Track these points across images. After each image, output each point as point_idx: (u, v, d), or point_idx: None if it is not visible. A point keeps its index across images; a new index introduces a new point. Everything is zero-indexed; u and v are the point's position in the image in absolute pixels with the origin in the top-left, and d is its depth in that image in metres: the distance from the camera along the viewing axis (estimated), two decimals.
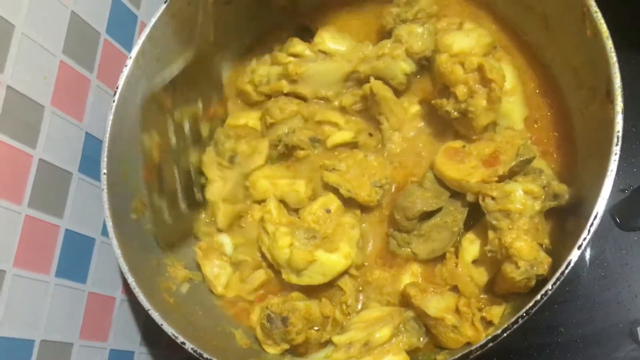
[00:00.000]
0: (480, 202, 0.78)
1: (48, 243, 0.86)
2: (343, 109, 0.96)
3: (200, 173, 0.97)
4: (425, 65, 0.92)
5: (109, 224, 0.83)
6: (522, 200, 0.75)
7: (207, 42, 0.93)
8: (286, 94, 0.98)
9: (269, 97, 1.00)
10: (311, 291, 0.89)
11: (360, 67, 0.93)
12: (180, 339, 0.77)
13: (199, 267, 0.96)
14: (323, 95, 0.97)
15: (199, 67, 0.93)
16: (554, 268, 0.70)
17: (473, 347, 0.68)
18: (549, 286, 0.66)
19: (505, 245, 0.73)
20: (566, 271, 0.66)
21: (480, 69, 0.79)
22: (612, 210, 0.96)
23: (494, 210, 0.76)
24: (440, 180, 0.84)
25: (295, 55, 0.96)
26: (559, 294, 0.94)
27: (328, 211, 0.89)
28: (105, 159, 0.87)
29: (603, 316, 0.93)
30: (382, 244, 0.91)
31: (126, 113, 0.91)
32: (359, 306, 0.89)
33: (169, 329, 0.78)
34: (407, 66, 0.91)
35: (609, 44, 0.71)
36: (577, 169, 0.81)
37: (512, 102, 0.85)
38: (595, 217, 0.66)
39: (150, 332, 1.06)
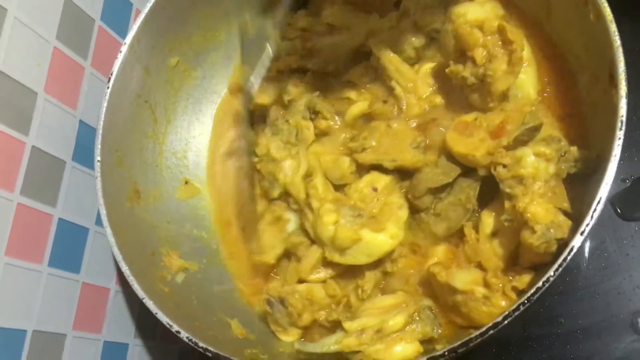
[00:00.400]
0: (492, 172, 0.76)
1: (41, 232, 0.85)
2: (352, 84, 0.94)
3: None
4: (435, 37, 0.90)
5: (103, 212, 0.82)
6: (535, 164, 0.73)
7: None
8: (296, 70, 0.97)
9: (281, 72, 0.99)
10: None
11: (369, 41, 0.92)
12: (175, 327, 0.76)
13: (193, 257, 0.95)
14: (333, 69, 0.96)
15: None
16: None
17: (473, 335, 0.67)
18: (550, 272, 0.65)
19: (520, 211, 0.71)
20: (568, 257, 0.65)
21: (500, 31, 0.77)
22: (613, 200, 0.95)
23: (506, 177, 0.74)
24: (452, 156, 0.82)
25: (303, 30, 0.95)
26: (559, 285, 0.94)
27: (375, 189, 0.86)
28: (99, 147, 0.86)
29: (603, 307, 0.92)
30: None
31: (120, 100, 0.90)
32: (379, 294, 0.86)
33: (163, 318, 0.76)
34: (416, 39, 0.90)
35: (613, 27, 0.70)
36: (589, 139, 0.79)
37: (526, 72, 0.83)
38: (599, 202, 0.65)
39: (144, 324, 1.05)
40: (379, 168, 0.87)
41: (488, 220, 0.80)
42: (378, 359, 0.75)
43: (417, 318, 0.77)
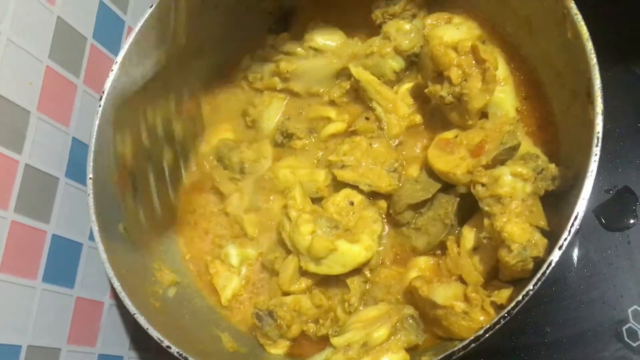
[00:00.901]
0: (472, 190, 0.78)
1: (35, 248, 0.86)
2: (333, 103, 0.97)
3: (174, 171, 0.98)
4: (415, 61, 0.93)
5: (95, 229, 0.84)
6: (512, 183, 0.75)
7: (179, 44, 0.95)
8: (279, 91, 1.00)
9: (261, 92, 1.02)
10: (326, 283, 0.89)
11: (352, 66, 0.94)
12: (166, 342, 0.77)
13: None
14: (315, 92, 0.98)
15: (172, 69, 0.94)
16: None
17: (455, 348, 0.69)
18: (530, 286, 0.66)
19: (497, 230, 0.73)
20: (547, 271, 0.66)
21: (473, 51, 0.80)
22: (597, 211, 0.96)
23: (485, 196, 0.76)
24: (432, 172, 0.84)
25: (286, 53, 0.98)
26: (545, 294, 0.95)
27: (352, 203, 0.88)
28: (92, 164, 0.87)
29: (589, 316, 0.93)
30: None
31: (112, 118, 0.91)
32: (362, 306, 0.88)
33: (154, 333, 0.78)
34: (396, 64, 0.92)
35: (589, 45, 0.72)
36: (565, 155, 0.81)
37: (504, 91, 0.86)
38: (576, 217, 0.67)
39: (139, 337, 1.06)
40: (354, 187, 0.90)
41: (469, 235, 0.82)
42: None
43: (400, 327, 0.79)
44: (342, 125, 0.94)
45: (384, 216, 0.91)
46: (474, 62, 0.80)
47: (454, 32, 0.80)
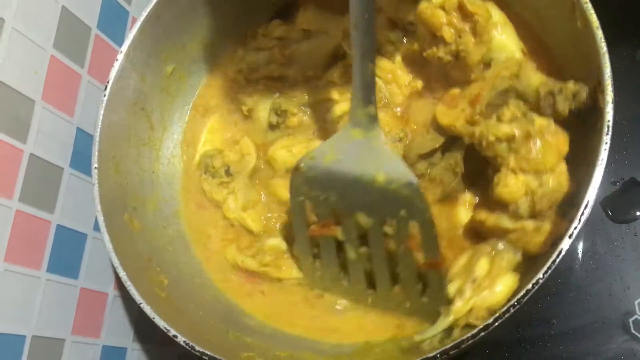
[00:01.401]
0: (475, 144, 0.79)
1: (39, 238, 0.86)
2: (332, 84, 0.96)
3: None
4: (410, 30, 0.92)
5: (100, 219, 0.83)
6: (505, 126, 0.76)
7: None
8: (276, 78, 0.99)
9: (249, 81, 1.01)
10: None
11: (345, 41, 0.93)
12: (173, 332, 0.77)
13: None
14: (313, 74, 0.97)
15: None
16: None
17: (464, 337, 0.68)
18: (540, 275, 0.66)
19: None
20: (557, 260, 0.66)
21: (460, 6, 0.80)
22: (604, 203, 0.96)
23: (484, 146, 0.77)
24: (440, 128, 0.85)
25: (279, 39, 0.97)
26: (551, 286, 0.95)
27: None
28: (96, 154, 0.86)
29: (595, 308, 0.93)
30: None
31: (117, 108, 0.91)
32: None
33: (160, 322, 0.77)
34: (393, 34, 0.92)
35: (599, 34, 0.71)
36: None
37: (505, 32, 0.85)
38: (587, 205, 0.66)
39: (142, 328, 1.06)
40: None
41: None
42: (489, 306, 0.74)
43: (495, 252, 0.78)
44: (347, 104, 0.93)
45: None
46: (463, 17, 0.81)
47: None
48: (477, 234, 0.84)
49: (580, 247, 0.97)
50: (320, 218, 0.84)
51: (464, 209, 0.87)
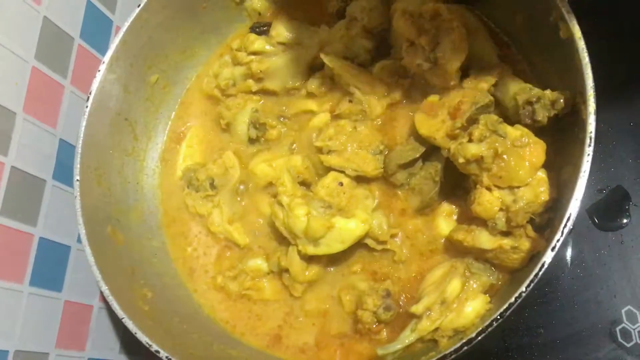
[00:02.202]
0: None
1: (21, 252, 0.85)
2: (311, 95, 0.96)
3: None
4: (385, 37, 0.92)
5: (82, 232, 0.82)
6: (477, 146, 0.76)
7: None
8: (255, 93, 0.99)
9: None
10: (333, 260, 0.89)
11: (323, 55, 0.92)
12: (155, 347, 0.76)
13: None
14: (291, 87, 0.97)
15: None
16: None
17: (447, 351, 0.68)
18: (522, 288, 0.66)
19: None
20: (540, 273, 0.66)
21: (435, 14, 0.81)
22: (590, 211, 0.96)
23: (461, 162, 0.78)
24: (420, 137, 0.85)
25: (255, 53, 0.96)
26: (538, 295, 0.95)
27: (341, 184, 0.87)
28: (78, 166, 0.86)
29: (582, 317, 0.93)
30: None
31: (100, 119, 0.91)
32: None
33: (143, 338, 0.77)
34: (368, 42, 0.91)
35: (581, 44, 0.71)
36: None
37: (479, 40, 0.86)
38: (569, 218, 0.66)
39: (129, 340, 1.05)
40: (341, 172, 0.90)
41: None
42: (456, 327, 0.76)
43: (470, 274, 0.79)
44: (326, 115, 0.93)
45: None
46: (439, 24, 0.81)
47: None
48: (453, 248, 0.85)
49: (568, 255, 0.96)
50: None
51: (444, 220, 0.87)
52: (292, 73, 0.96)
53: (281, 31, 0.96)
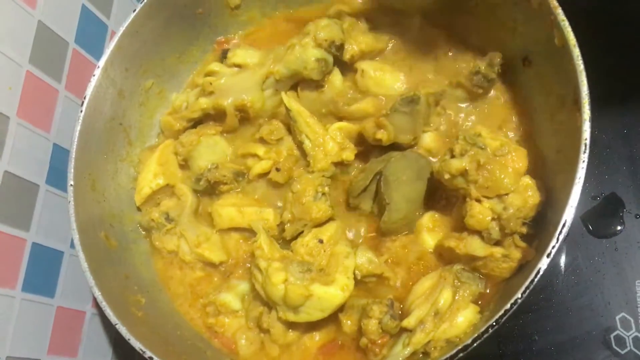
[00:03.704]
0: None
1: (14, 257, 0.84)
2: (262, 140, 0.95)
3: None
4: (337, 55, 0.92)
5: (76, 237, 0.82)
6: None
7: None
8: (208, 115, 0.97)
9: (193, 126, 0.99)
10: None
11: (274, 67, 0.93)
12: (148, 353, 0.75)
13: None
14: (243, 103, 0.94)
15: None
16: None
17: (442, 358, 0.68)
18: (518, 294, 0.66)
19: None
20: (535, 279, 0.66)
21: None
22: (584, 217, 0.96)
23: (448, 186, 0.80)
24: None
25: (210, 74, 0.97)
26: (532, 302, 0.95)
27: (321, 241, 0.86)
28: (72, 171, 0.85)
29: (577, 323, 0.93)
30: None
31: (94, 123, 0.90)
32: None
33: (136, 344, 0.76)
34: (317, 52, 0.91)
35: (576, 52, 0.71)
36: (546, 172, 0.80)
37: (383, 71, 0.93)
38: (564, 225, 0.66)
39: (121, 346, 1.04)
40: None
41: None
42: (448, 338, 0.76)
43: (459, 284, 0.79)
44: (268, 163, 0.92)
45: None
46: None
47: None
48: (442, 256, 0.85)
49: (562, 262, 0.97)
50: None
51: (428, 234, 0.87)
52: (243, 89, 0.95)
53: (237, 54, 0.98)
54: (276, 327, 0.85)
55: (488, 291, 0.80)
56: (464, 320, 0.76)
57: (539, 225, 0.76)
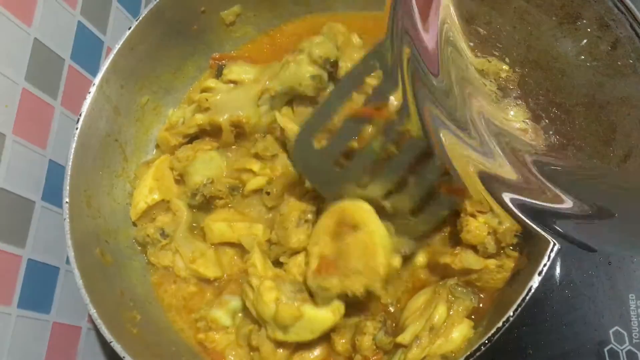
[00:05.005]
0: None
1: (9, 274, 0.85)
2: (258, 156, 0.95)
3: None
4: (332, 72, 0.93)
5: (71, 254, 0.82)
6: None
7: None
8: (204, 131, 0.98)
9: (189, 141, 1.00)
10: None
11: (270, 84, 0.93)
12: None
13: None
14: (239, 119, 0.94)
15: None
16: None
17: None
18: (510, 312, 0.66)
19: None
20: (527, 297, 0.66)
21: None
22: None
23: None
24: None
25: (206, 90, 0.98)
26: (526, 315, 0.95)
27: None
28: (68, 188, 0.85)
29: (571, 337, 0.93)
30: None
31: (90, 140, 0.91)
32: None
33: None
34: (312, 68, 0.91)
35: None
36: None
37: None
38: (555, 243, 0.67)
39: None
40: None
41: None
42: (444, 353, 0.76)
43: (454, 298, 0.79)
44: (263, 180, 0.93)
45: None
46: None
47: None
48: (435, 271, 0.85)
49: (556, 275, 0.97)
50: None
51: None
52: (238, 105, 0.95)
53: (233, 70, 0.98)
54: (265, 345, 0.85)
55: (481, 305, 0.81)
56: (458, 336, 0.77)
57: (527, 232, 0.77)
